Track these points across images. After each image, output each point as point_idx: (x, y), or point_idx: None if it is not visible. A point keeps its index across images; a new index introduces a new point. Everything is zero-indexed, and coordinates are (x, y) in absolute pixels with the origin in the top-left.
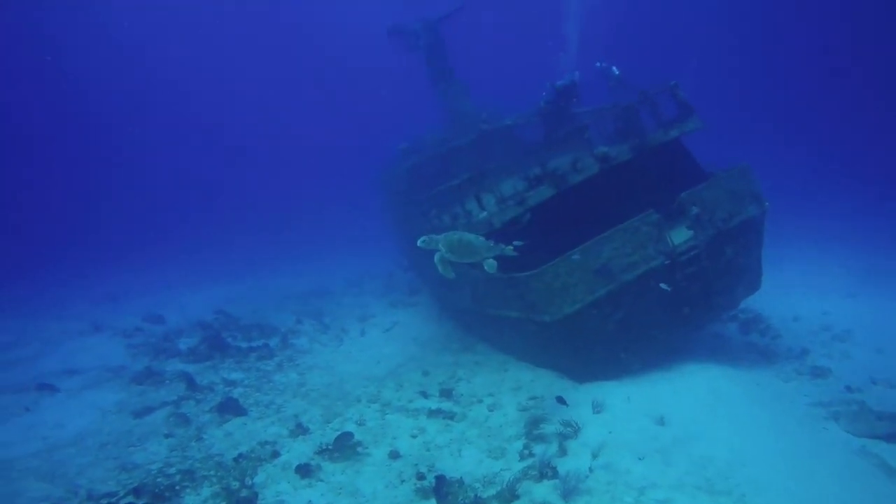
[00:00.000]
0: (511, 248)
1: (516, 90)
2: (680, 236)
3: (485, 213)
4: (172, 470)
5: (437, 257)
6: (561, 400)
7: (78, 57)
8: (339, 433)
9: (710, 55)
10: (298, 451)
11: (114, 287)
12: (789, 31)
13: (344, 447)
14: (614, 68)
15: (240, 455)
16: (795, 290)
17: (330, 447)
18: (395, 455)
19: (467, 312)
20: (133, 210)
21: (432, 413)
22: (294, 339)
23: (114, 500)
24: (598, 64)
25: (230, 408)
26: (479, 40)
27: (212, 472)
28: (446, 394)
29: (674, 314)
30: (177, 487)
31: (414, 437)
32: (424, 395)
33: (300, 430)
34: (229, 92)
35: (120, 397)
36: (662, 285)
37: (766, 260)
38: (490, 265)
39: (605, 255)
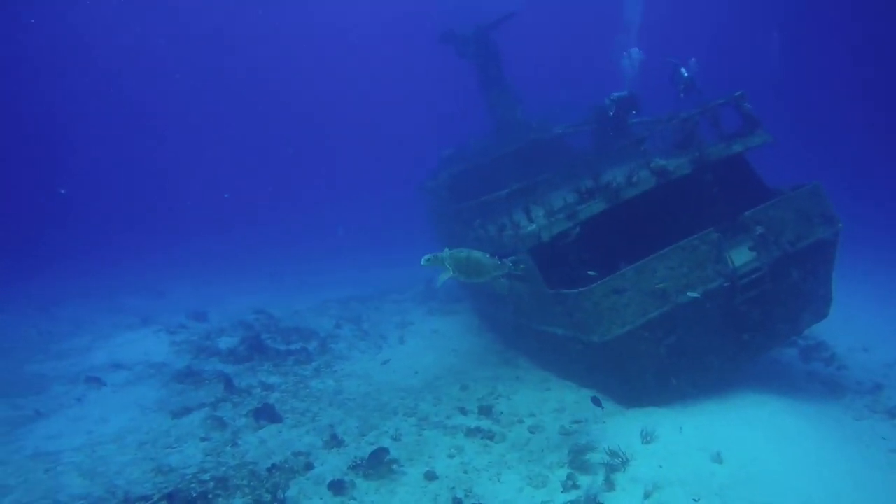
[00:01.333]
0: (521, 267)
1: (570, 93)
2: (741, 257)
3: (533, 226)
4: (206, 476)
5: (442, 276)
6: (596, 401)
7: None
8: (374, 448)
9: (795, 25)
10: (332, 464)
11: (161, 282)
12: None
13: (379, 464)
14: (683, 70)
15: (273, 465)
16: (862, 316)
17: (364, 462)
18: (431, 476)
19: (509, 325)
20: (185, 208)
21: (471, 432)
22: (333, 344)
23: None
24: (671, 59)
25: (266, 414)
26: (532, 42)
27: (245, 482)
28: (486, 411)
29: (731, 340)
30: (209, 496)
31: (451, 456)
32: (463, 411)
33: (335, 441)
34: (276, 97)
35: (160, 395)
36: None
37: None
38: (502, 286)
39: (659, 274)
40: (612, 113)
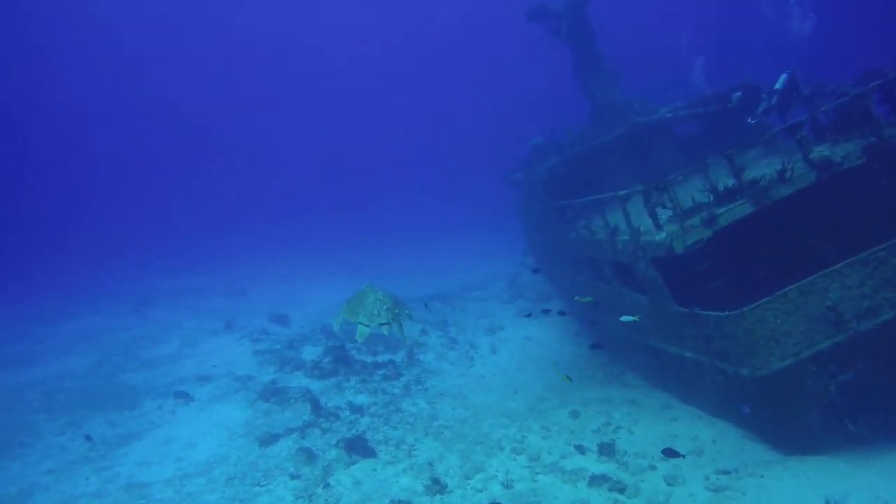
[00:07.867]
0: (408, 313)
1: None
2: None
3: (663, 234)
4: None
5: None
6: (673, 453)
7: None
8: (484, 498)
9: None
10: None
11: (243, 279)
12: None
13: None
14: None
15: None
16: None
17: None
18: None
19: (616, 336)
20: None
21: (594, 480)
22: (421, 355)
23: None
24: None
25: (358, 447)
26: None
27: None
28: (607, 450)
29: None
30: None
31: None
32: (580, 449)
33: (437, 486)
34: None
35: (247, 415)
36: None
37: None
38: (361, 332)
39: (832, 294)
40: (765, 112)
